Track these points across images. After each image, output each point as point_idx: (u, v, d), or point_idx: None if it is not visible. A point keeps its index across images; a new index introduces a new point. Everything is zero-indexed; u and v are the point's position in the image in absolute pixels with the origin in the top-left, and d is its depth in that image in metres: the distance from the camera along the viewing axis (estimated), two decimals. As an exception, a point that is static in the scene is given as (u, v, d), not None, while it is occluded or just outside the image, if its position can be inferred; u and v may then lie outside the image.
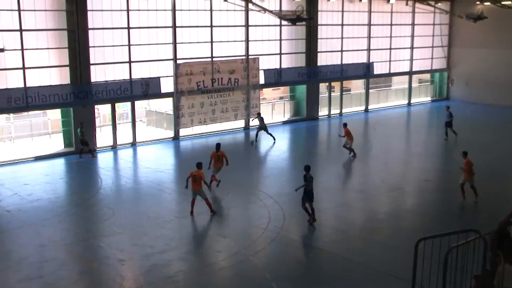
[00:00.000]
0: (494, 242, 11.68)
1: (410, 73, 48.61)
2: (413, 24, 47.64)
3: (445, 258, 11.09)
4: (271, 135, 33.51)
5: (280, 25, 38.40)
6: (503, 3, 44.95)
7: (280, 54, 39.22)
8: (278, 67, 39.14)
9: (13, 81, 28.83)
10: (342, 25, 42.49)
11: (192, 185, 20.75)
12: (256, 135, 33.68)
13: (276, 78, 39.07)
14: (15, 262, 17.20)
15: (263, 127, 33.63)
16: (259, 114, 34.51)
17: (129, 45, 32.19)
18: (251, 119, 37.21)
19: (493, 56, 47.21)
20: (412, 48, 48.02)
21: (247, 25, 36.91)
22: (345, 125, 30.21)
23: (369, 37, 44.43)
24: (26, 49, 28.91)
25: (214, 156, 23.83)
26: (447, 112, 33.64)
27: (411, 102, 49.00)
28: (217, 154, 23.84)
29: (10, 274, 16.41)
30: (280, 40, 39.00)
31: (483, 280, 11.85)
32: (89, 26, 30.44)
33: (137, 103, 34.31)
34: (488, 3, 45.35)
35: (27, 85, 29.02)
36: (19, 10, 28.41)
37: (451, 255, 11.10)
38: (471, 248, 11.39)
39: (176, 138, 34.78)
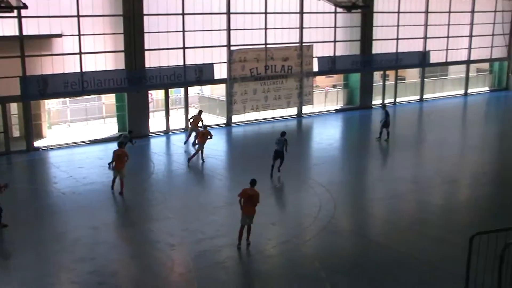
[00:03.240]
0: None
1: (468, 62, 47.06)
2: (472, 12, 45.90)
3: (501, 254, 10.76)
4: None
5: (335, 12, 37.82)
6: None
7: (335, 41, 38.67)
8: (332, 54, 38.68)
9: (70, 66, 29.35)
10: (399, 12, 41.43)
11: None
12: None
13: (329, 66, 38.60)
14: (69, 243, 17.57)
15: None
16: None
17: (183, 31, 32.28)
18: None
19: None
20: (471, 36, 46.35)
21: (301, 12, 36.49)
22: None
23: (426, 25, 43.13)
24: (83, 34, 29.36)
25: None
26: (384, 111, 30.75)
27: (468, 92, 47.54)
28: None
29: (65, 255, 16.79)
30: (335, 27, 38.44)
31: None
32: (144, 12, 30.63)
33: (190, 89, 34.46)
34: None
35: (83, 70, 29.53)
36: (76, -5, 28.90)
37: (508, 251, 10.77)
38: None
39: (228, 124, 34.83)
